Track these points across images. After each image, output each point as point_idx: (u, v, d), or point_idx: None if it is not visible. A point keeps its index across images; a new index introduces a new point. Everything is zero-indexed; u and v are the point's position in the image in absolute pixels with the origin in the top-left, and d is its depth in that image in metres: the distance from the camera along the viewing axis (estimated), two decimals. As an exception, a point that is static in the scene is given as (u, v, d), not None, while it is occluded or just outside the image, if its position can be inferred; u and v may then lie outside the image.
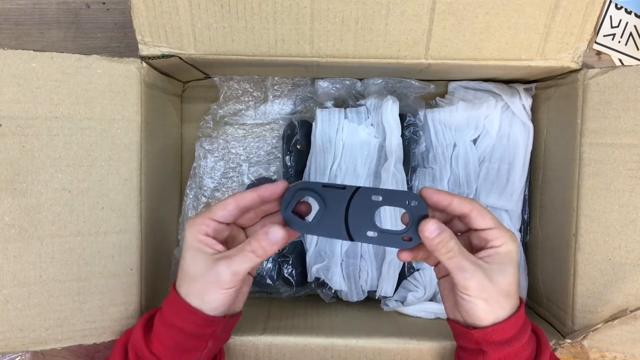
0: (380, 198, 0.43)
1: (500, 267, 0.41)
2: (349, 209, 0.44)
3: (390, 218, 0.59)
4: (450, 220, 0.46)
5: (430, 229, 0.41)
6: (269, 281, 0.63)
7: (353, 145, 0.61)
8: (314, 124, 0.62)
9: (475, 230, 0.43)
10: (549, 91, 0.60)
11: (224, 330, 0.45)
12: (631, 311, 0.49)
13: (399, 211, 0.58)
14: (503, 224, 0.61)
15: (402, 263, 0.61)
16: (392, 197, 0.43)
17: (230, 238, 0.46)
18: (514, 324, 0.42)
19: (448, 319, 0.46)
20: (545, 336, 0.46)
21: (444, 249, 0.41)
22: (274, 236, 0.42)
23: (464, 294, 0.41)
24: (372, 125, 0.62)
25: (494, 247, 0.42)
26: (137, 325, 0.45)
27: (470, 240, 0.45)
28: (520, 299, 0.44)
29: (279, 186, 0.45)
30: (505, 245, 0.42)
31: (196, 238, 0.43)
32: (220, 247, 0.43)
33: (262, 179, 0.66)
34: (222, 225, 0.44)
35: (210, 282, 0.41)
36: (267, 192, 0.44)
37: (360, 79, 0.65)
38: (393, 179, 0.59)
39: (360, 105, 0.63)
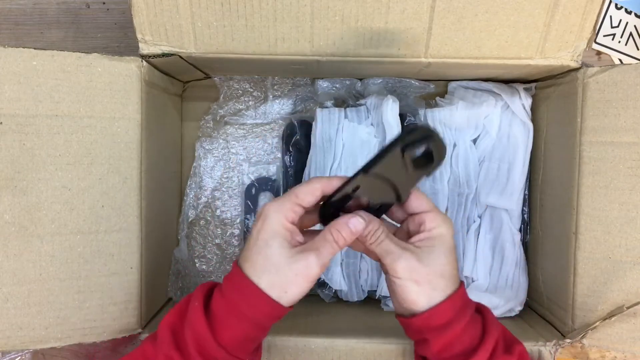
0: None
1: (431, 249, 0.42)
2: None
3: None
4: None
5: (354, 223, 0.42)
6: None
7: (353, 145, 0.61)
8: (314, 123, 0.62)
9: (412, 214, 0.44)
10: (548, 90, 0.60)
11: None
12: (627, 307, 0.49)
13: None
14: (503, 223, 0.62)
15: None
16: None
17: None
18: (450, 306, 0.41)
19: (396, 315, 0.45)
20: (491, 314, 0.44)
21: (372, 238, 0.42)
22: (355, 226, 0.42)
23: (394, 277, 0.41)
24: (372, 124, 0.62)
25: (426, 230, 0.42)
26: (197, 311, 0.41)
27: (408, 229, 0.45)
28: (462, 282, 0.43)
29: None
30: (438, 229, 0.42)
31: (284, 225, 0.41)
32: (301, 238, 0.42)
33: (262, 179, 0.66)
34: (304, 211, 0.43)
35: (299, 275, 0.39)
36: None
37: (360, 79, 0.65)
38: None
39: (360, 104, 0.63)
